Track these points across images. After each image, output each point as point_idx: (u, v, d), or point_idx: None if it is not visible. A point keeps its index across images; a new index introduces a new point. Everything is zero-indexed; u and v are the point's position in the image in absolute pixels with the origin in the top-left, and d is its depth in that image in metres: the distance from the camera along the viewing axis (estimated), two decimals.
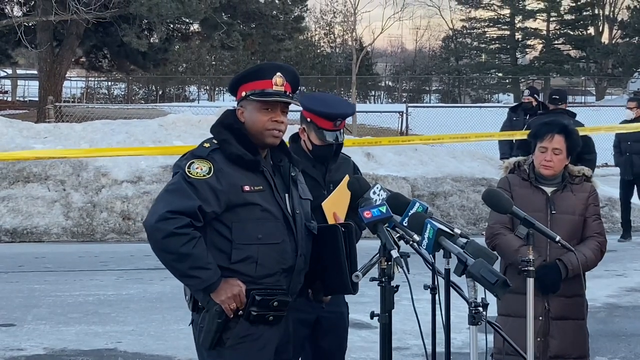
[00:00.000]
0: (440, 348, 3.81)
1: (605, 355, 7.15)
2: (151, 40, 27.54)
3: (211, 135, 3.87)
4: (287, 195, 3.86)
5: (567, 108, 11.63)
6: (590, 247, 4.95)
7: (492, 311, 4.12)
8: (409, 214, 3.72)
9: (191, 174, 3.68)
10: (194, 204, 3.62)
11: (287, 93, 3.86)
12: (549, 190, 5.00)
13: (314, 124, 4.66)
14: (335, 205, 4.51)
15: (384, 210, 3.64)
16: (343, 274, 3.78)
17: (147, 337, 7.55)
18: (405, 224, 3.71)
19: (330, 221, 4.48)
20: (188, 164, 3.71)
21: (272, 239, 3.75)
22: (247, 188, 3.72)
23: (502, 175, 5.18)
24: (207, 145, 3.78)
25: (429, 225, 3.57)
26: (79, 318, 8.17)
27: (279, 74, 3.85)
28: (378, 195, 3.94)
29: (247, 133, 3.82)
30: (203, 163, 3.71)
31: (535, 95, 13.87)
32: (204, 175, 3.67)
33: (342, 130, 4.75)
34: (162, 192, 3.73)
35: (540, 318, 4.89)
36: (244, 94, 3.82)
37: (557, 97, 11.50)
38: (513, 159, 5.21)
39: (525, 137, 9.56)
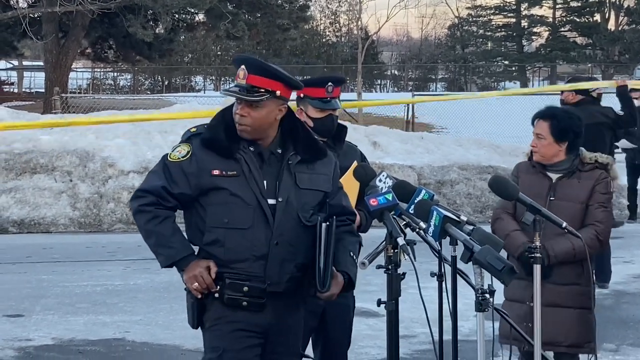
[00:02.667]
0: (448, 336, 3.82)
1: (612, 342, 7.15)
2: (156, 31, 27.51)
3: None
4: (277, 182, 3.81)
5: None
6: (584, 235, 4.75)
7: (499, 298, 4.13)
8: (415, 201, 3.72)
9: (170, 156, 3.85)
10: (158, 184, 3.80)
11: (243, 86, 3.79)
12: (554, 176, 4.99)
13: (308, 97, 4.70)
14: None
15: (390, 198, 3.64)
16: (315, 269, 3.72)
17: (155, 327, 7.58)
18: (412, 212, 3.71)
19: None
20: (175, 146, 3.88)
21: (239, 224, 3.75)
22: (216, 172, 3.77)
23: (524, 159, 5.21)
24: (193, 129, 3.91)
25: (435, 213, 3.56)
26: (87, 308, 8.20)
27: (242, 66, 3.80)
28: (384, 183, 3.94)
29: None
30: (185, 146, 3.85)
31: None
32: (179, 159, 3.81)
33: (338, 100, 4.75)
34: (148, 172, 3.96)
35: (528, 303, 4.79)
36: None
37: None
38: None
39: None
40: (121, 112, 16.75)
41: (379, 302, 3.63)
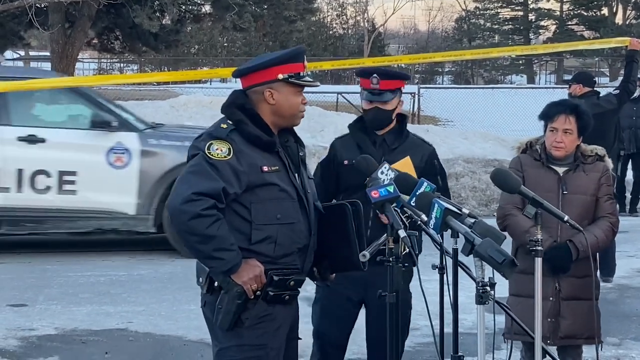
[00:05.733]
0: (450, 328, 3.81)
1: (615, 335, 7.14)
2: (163, 22, 27.44)
3: (222, 116, 3.87)
4: (297, 175, 3.87)
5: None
6: (602, 227, 4.94)
7: (501, 291, 4.11)
8: (417, 193, 3.71)
9: (212, 155, 3.68)
10: (218, 186, 3.63)
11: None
12: (560, 170, 4.98)
13: (361, 88, 4.78)
14: None
15: (392, 190, 3.64)
16: (353, 252, 3.79)
17: (158, 317, 7.59)
18: (413, 204, 3.71)
19: None
20: (207, 145, 3.71)
21: (290, 219, 3.77)
22: (265, 168, 3.74)
23: (515, 155, 5.16)
24: (224, 126, 3.78)
25: (436, 205, 3.55)
26: (90, 298, 8.21)
27: (305, 57, 3.89)
28: (386, 175, 3.94)
29: (276, 114, 3.82)
30: (222, 144, 3.71)
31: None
32: (224, 157, 3.67)
33: (388, 94, 4.73)
34: (185, 174, 3.73)
35: (551, 299, 4.89)
36: (280, 76, 3.79)
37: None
38: (525, 139, 5.19)
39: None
40: (127, 102, 16.77)
41: (380, 295, 3.65)
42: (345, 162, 4.77)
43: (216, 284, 3.75)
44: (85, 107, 10.32)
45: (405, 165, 4.70)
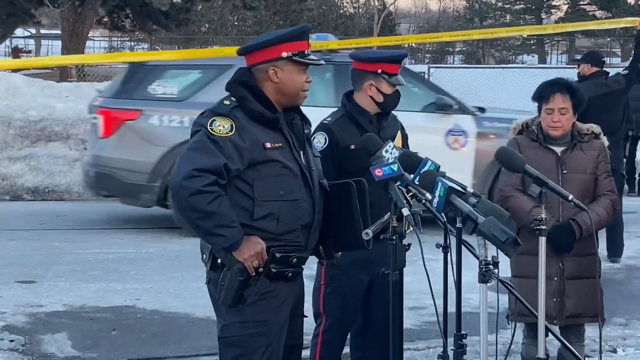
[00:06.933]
0: (454, 307, 3.82)
1: (622, 316, 7.15)
2: (173, 0, 27.46)
3: (227, 93, 3.87)
4: (302, 152, 3.87)
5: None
6: (603, 205, 4.93)
7: (505, 271, 4.11)
8: (421, 172, 3.71)
9: (214, 131, 3.67)
10: (219, 162, 3.63)
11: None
12: (558, 150, 4.97)
13: (385, 73, 4.74)
14: None
15: (396, 169, 3.64)
16: (357, 230, 3.79)
17: (166, 295, 7.63)
18: (417, 183, 3.71)
19: None
20: (210, 121, 3.71)
21: (292, 196, 3.77)
22: (268, 145, 3.73)
23: (511, 136, 5.14)
24: (227, 102, 3.77)
25: (440, 184, 3.56)
26: (99, 275, 8.25)
27: (309, 35, 3.89)
28: (390, 153, 3.93)
29: (279, 93, 3.82)
30: (225, 120, 3.70)
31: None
32: (226, 133, 3.67)
33: None
34: (186, 150, 3.73)
35: (556, 278, 4.89)
36: (284, 54, 3.78)
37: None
38: (521, 120, 5.17)
39: None
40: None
41: (383, 273, 3.66)
42: (352, 146, 4.69)
43: (219, 260, 3.75)
44: (425, 90, 10.75)
45: (399, 140, 4.82)
